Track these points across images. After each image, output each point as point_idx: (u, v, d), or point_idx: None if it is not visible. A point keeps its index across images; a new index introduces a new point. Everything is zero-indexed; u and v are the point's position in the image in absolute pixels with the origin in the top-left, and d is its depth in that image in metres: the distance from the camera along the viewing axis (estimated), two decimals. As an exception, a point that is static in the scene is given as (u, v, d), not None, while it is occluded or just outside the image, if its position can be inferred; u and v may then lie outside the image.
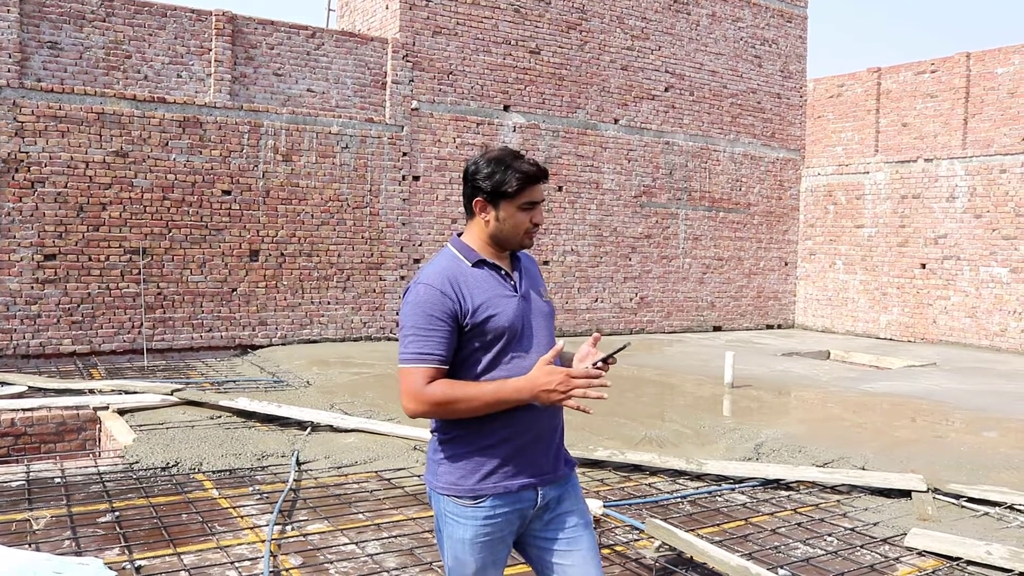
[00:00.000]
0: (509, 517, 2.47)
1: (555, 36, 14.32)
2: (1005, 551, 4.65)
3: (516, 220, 2.51)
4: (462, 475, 2.46)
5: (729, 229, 16.65)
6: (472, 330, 2.43)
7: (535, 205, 2.52)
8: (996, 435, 7.80)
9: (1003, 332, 14.30)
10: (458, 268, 2.48)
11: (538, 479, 2.49)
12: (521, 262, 2.64)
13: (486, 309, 2.43)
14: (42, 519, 4.93)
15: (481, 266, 2.51)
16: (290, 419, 7.47)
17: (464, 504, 2.45)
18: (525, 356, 2.48)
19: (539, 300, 2.59)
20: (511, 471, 2.45)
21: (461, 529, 2.46)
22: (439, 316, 2.38)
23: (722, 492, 5.95)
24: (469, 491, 2.44)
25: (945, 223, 15.11)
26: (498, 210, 2.51)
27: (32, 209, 10.40)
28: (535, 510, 2.51)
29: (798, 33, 17.47)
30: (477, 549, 2.45)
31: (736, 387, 9.87)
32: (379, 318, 12.86)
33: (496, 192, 2.48)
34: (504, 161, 2.49)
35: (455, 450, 2.48)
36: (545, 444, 2.52)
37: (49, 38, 10.59)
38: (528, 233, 2.54)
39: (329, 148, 12.32)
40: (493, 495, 2.44)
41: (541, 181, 2.52)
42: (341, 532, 4.90)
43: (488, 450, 2.45)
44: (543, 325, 2.56)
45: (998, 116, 14.69)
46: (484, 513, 2.44)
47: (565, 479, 2.59)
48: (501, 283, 2.51)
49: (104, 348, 10.85)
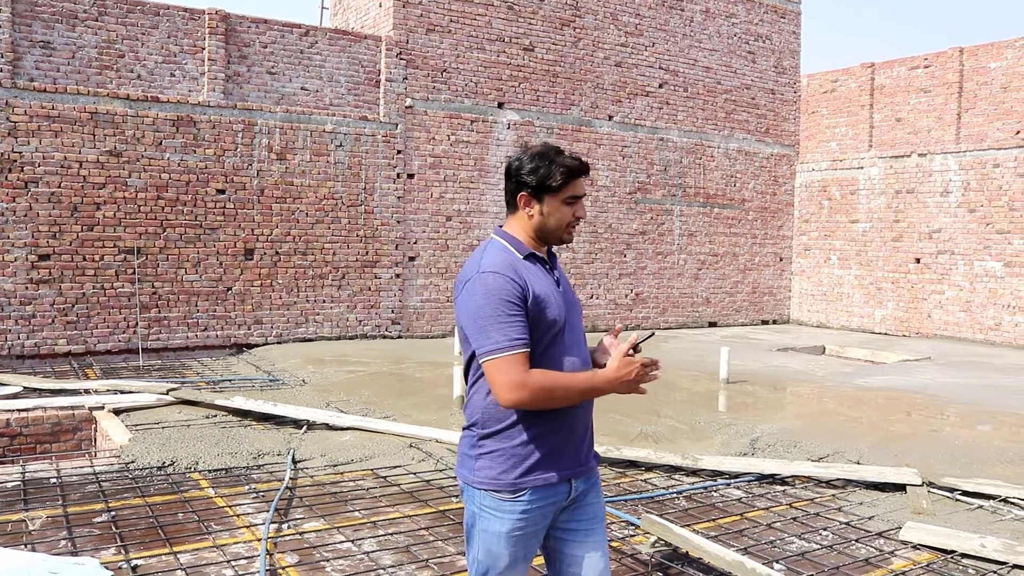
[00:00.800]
0: (544, 511, 2.52)
1: (549, 33, 14.32)
2: (999, 544, 4.66)
3: (560, 214, 2.55)
4: (503, 470, 2.48)
5: (724, 225, 16.67)
6: (531, 320, 2.46)
7: (578, 199, 2.57)
8: (990, 429, 7.82)
9: (997, 326, 14.33)
10: (513, 259, 2.52)
11: (573, 471, 2.55)
12: (555, 258, 2.71)
13: (543, 300, 2.48)
14: (38, 519, 4.92)
15: (531, 259, 2.56)
16: (286, 418, 7.46)
17: (503, 498, 2.48)
18: (568, 348, 2.53)
19: (573, 294, 2.66)
20: (551, 465, 2.51)
21: (498, 523, 2.49)
22: (515, 302, 2.41)
23: (718, 487, 5.96)
24: (510, 485, 2.47)
25: (939, 218, 15.14)
26: (542, 204, 2.55)
27: (26, 209, 10.38)
28: (567, 502, 2.56)
29: (792, 29, 17.49)
30: (512, 543, 2.49)
31: (731, 383, 9.88)
32: (374, 316, 12.86)
33: (541, 186, 2.53)
34: (547, 156, 2.53)
35: (497, 445, 2.50)
36: (579, 437, 2.58)
37: (41, 37, 10.56)
38: (570, 227, 2.59)
39: (323, 146, 12.31)
40: (533, 488, 2.48)
41: (583, 175, 2.56)
42: (337, 530, 4.90)
43: (530, 445, 2.48)
44: (578, 319, 2.63)
45: (991, 111, 14.71)
46: (522, 507, 2.48)
47: (592, 472, 2.66)
48: (548, 276, 2.57)
49: (99, 348, 10.84)
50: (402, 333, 13.13)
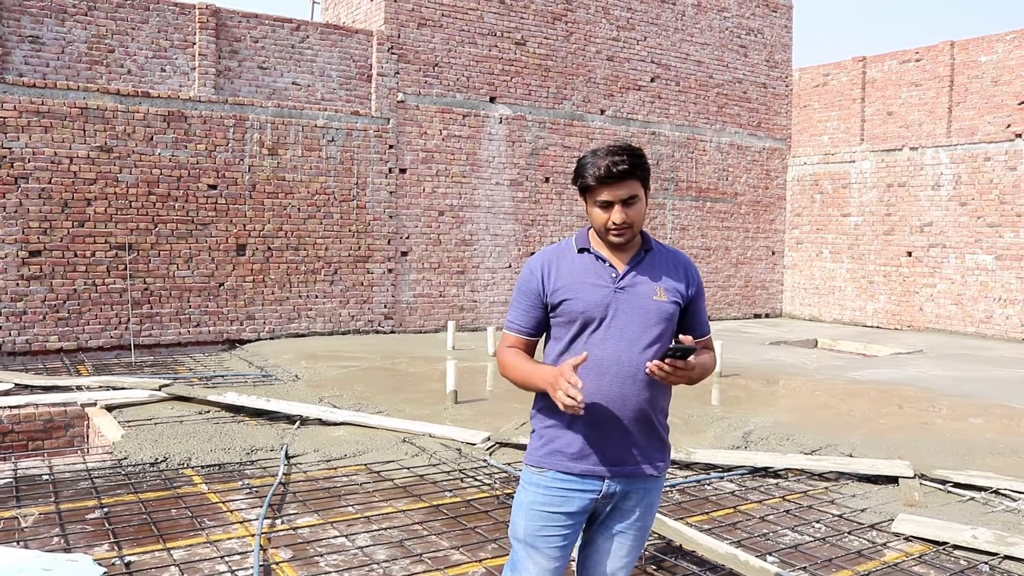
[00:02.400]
0: (568, 496, 2.55)
1: (540, 27, 14.30)
2: (991, 535, 4.69)
3: (594, 215, 2.58)
4: (537, 445, 2.63)
5: (716, 219, 16.69)
6: (552, 310, 2.61)
7: (610, 204, 2.52)
8: (982, 421, 7.86)
9: (988, 319, 14.39)
10: (563, 251, 2.66)
11: (602, 468, 2.55)
12: (648, 257, 2.64)
13: (564, 292, 2.56)
14: (30, 516, 4.91)
15: (584, 252, 2.62)
16: (279, 413, 7.45)
17: (532, 471, 2.62)
18: (599, 344, 2.53)
19: (647, 296, 2.57)
20: (575, 454, 2.55)
21: (524, 494, 2.63)
22: (525, 292, 2.64)
23: (711, 481, 5.97)
24: (537, 461, 2.61)
25: (931, 211, 15.19)
26: (586, 204, 2.61)
27: (16, 205, 10.33)
28: (600, 498, 2.58)
29: (783, 23, 17.50)
30: (531, 516, 2.58)
31: (724, 376, 9.90)
32: (367, 311, 12.84)
33: (581, 188, 2.59)
34: (592, 155, 2.54)
35: (536, 424, 2.66)
36: (616, 434, 2.55)
37: (31, 32, 10.50)
38: (610, 231, 2.55)
39: (315, 141, 12.28)
40: (555, 469, 2.57)
41: (617, 181, 2.49)
42: (331, 525, 4.90)
43: (555, 428, 2.58)
44: (638, 321, 2.55)
45: (982, 104, 14.75)
46: (545, 483, 2.58)
47: (640, 479, 2.60)
48: (598, 272, 2.59)
49: (91, 344, 10.80)
50: (395, 328, 13.12)
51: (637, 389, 2.53)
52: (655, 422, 2.61)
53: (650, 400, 2.56)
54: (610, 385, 2.51)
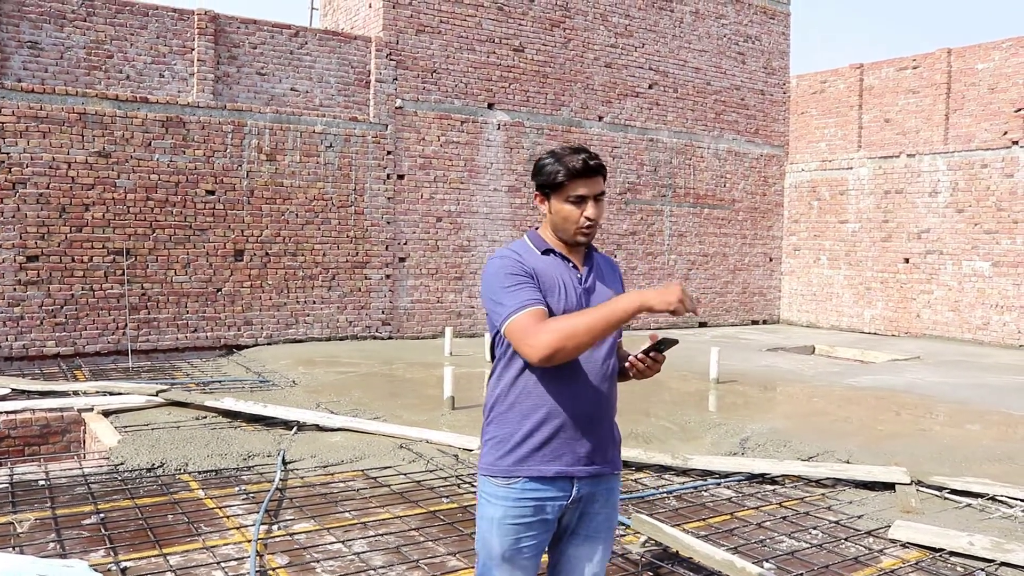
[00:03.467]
0: (541, 504, 2.50)
1: (539, 34, 14.33)
2: (987, 541, 4.69)
3: (564, 213, 2.55)
4: (500, 455, 2.52)
5: (714, 225, 16.71)
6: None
7: (583, 199, 2.53)
8: (979, 428, 7.87)
9: (985, 325, 14.41)
10: (529, 251, 2.59)
11: (575, 469, 2.52)
12: (596, 261, 2.68)
13: (546, 286, 2.51)
14: (26, 522, 4.90)
15: (549, 254, 2.59)
16: (276, 419, 7.45)
17: (497, 484, 2.51)
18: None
19: (606, 298, 2.58)
20: (547, 456, 2.50)
21: (492, 508, 2.52)
22: (520, 273, 2.47)
23: (708, 487, 5.97)
24: (503, 471, 2.50)
25: (928, 218, 15.21)
26: (550, 203, 2.58)
27: (14, 210, 10.33)
28: (569, 502, 2.53)
29: (781, 30, 17.55)
30: (504, 531, 2.49)
31: (721, 383, 9.91)
32: (365, 317, 12.84)
33: (547, 185, 2.55)
34: (558, 154, 2.54)
35: (497, 431, 2.55)
36: (589, 434, 2.54)
37: (29, 38, 10.51)
38: (580, 228, 2.55)
39: (313, 147, 12.29)
40: (526, 477, 2.49)
41: (591, 176, 2.52)
42: (327, 531, 4.90)
43: (525, 432, 2.51)
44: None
45: (979, 111, 14.79)
46: (515, 494, 2.49)
47: (604, 478, 2.60)
48: (566, 272, 2.57)
49: (88, 349, 10.79)
50: (392, 334, 13.11)
51: (606, 388, 2.57)
52: (615, 423, 2.66)
53: (614, 399, 2.62)
54: (585, 385, 2.52)
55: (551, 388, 2.49)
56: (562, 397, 2.49)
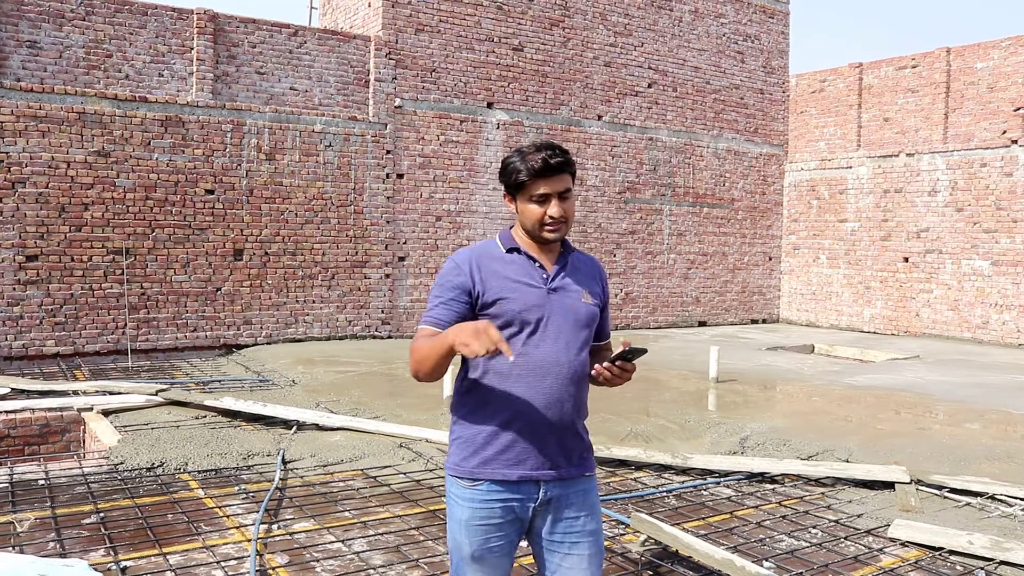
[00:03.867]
0: (507, 505, 2.48)
1: (538, 33, 14.33)
2: (986, 540, 4.69)
3: (528, 212, 2.53)
4: (464, 456, 2.51)
5: (713, 225, 16.71)
6: (482, 310, 2.49)
7: (547, 197, 2.50)
8: (978, 427, 7.87)
9: (985, 324, 14.42)
10: (489, 251, 2.57)
11: (539, 473, 2.49)
12: (571, 260, 2.64)
13: (498, 292, 2.48)
14: (26, 521, 4.90)
15: (514, 252, 2.57)
16: (276, 418, 7.45)
17: (463, 485, 2.50)
18: (537, 346, 2.49)
19: (576, 299, 2.57)
20: (511, 459, 2.47)
21: (459, 510, 2.50)
22: (449, 286, 2.49)
23: (707, 486, 5.97)
24: (468, 473, 2.49)
25: (927, 217, 15.22)
26: (516, 202, 2.56)
27: (13, 210, 10.33)
28: (537, 504, 2.50)
29: (780, 29, 17.55)
30: (472, 532, 2.47)
31: (721, 382, 9.91)
32: (364, 316, 12.84)
33: (511, 185, 2.54)
34: (523, 153, 2.52)
35: (461, 432, 2.54)
36: (555, 437, 2.51)
37: (28, 37, 10.51)
38: (545, 226, 2.52)
39: (312, 146, 12.29)
40: (490, 480, 2.47)
41: (553, 174, 2.49)
42: (327, 530, 4.90)
43: (489, 434, 2.49)
44: (571, 323, 2.54)
45: (978, 111, 14.80)
46: (481, 496, 2.47)
47: (575, 480, 2.56)
48: (530, 272, 2.54)
49: (88, 349, 10.79)
50: (392, 333, 13.12)
51: (573, 391, 2.53)
52: (584, 424, 2.62)
53: (582, 402, 2.58)
54: (550, 388, 2.48)
55: (515, 389, 2.47)
56: (527, 399, 2.46)
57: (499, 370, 2.48)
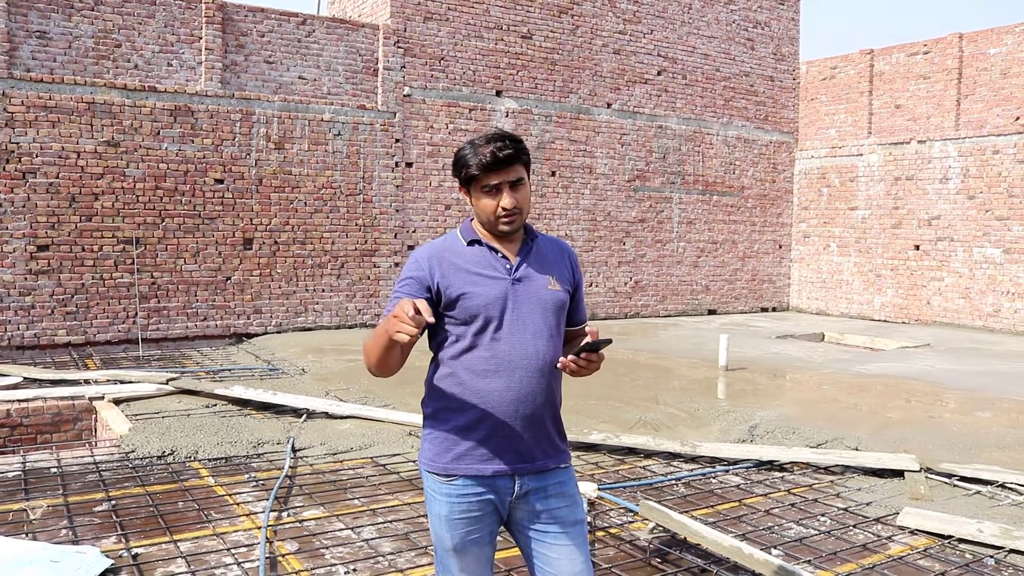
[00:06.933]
0: (484, 498, 2.46)
1: (547, 20, 14.27)
2: (996, 528, 4.68)
3: (482, 205, 2.49)
4: (438, 452, 2.49)
5: (723, 212, 16.65)
6: (446, 307, 2.47)
7: (497, 188, 2.45)
8: (989, 415, 7.84)
9: (996, 312, 14.34)
10: (450, 246, 2.54)
11: (514, 467, 2.46)
12: (535, 247, 2.59)
13: (460, 287, 2.45)
14: (39, 509, 4.94)
15: (474, 245, 2.53)
16: (285, 406, 7.48)
17: (440, 481, 2.48)
18: (504, 339, 2.46)
19: (541, 287, 2.52)
20: (485, 454, 2.45)
21: (438, 505, 2.49)
22: (406, 282, 2.48)
23: (716, 474, 5.98)
24: (442, 469, 2.47)
25: (938, 204, 15.13)
26: (471, 195, 2.53)
27: (24, 200, 10.37)
28: (513, 498, 2.49)
29: (791, 15, 17.43)
30: (452, 526, 2.46)
31: (731, 370, 9.90)
32: (374, 305, 12.86)
33: (463, 178, 2.51)
34: (475, 145, 2.47)
35: (433, 427, 2.53)
36: (528, 429, 2.47)
37: (38, 27, 10.53)
38: (500, 218, 2.48)
39: (321, 135, 12.29)
40: (465, 476, 2.45)
41: (503, 166, 2.44)
42: (337, 518, 4.92)
43: (461, 430, 2.47)
44: (538, 312, 2.50)
45: (991, 97, 14.69)
46: (457, 491, 2.46)
47: (551, 472, 2.53)
48: (493, 264, 2.50)
49: (99, 338, 10.85)
50: (401, 322, 13.11)
51: (545, 383, 2.49)
52: (558, 415, 2.58)
53: (554, 393, 2.54)
54: (520, 381, 2.44)
55: (485, 384, 2.44)
56: (497, 391, 2.43)
57: (468, 365, 2.46)
